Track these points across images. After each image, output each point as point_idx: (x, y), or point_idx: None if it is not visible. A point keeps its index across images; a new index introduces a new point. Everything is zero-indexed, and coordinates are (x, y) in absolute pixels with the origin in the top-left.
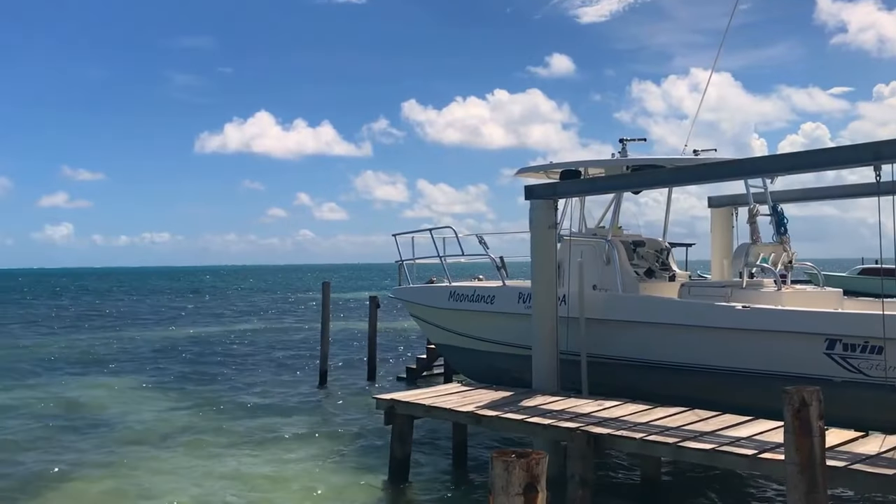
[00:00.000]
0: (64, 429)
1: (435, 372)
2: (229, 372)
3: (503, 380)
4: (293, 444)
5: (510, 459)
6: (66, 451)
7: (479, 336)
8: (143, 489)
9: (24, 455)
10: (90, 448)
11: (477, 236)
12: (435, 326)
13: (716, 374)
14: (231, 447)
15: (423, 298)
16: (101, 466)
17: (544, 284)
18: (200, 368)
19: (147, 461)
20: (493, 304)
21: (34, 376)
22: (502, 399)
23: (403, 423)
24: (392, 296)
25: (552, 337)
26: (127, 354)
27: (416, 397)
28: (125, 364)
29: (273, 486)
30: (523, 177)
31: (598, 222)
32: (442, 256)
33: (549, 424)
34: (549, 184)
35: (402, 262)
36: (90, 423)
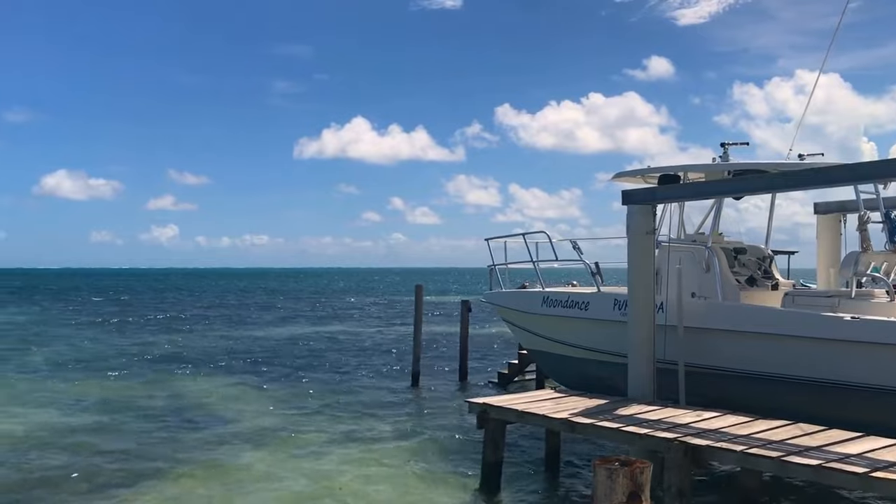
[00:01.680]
0: (166, 426)
1: (526, 377)
2: (323, 372)
3: (597, 387)
4: (385, 444)
5: (614, 467)
6: (168, 448)
7: (572, 342)
8: (239, 487)
9: (127, 451)
10: (191, 445)
11: (571, 241)
12: (527, 332)
13: (822, 387)
14: (323, 447)
15: (516, 303)
16: (200, 464)
17: (641, 291)
18: (295, 368)
19: (243, 459)
20: (588, 310)
21: (136, 373)
22: (596, 407)
23: (496, 428)
24: (484, 300)
25: (649, 345)
26: (226, 354)
27: (508, 402)
28: (224, 363)
29: (364, 487)
30: (620, 181)
31: (698, 228)
32: (535, 261)
33: (645, 434)
34: (648, 188)
35: (494, 266)
36: (191, 421)
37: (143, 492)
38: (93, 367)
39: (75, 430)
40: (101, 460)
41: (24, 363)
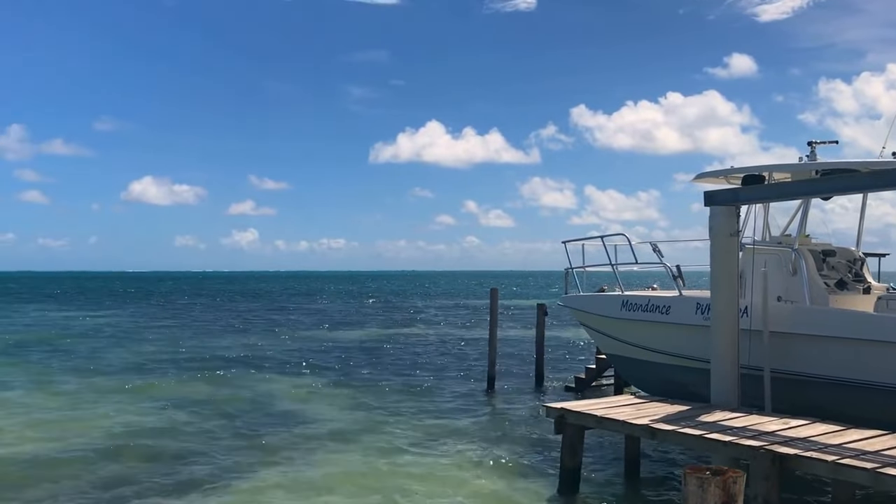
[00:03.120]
0: (246, 426)
1: (604, 383)
2: (397, 375)
3: (678, 393)
4: (461, 448)
5: (705, 476)
6: (248, 448)
7: (653, 347)
8: (318, 486)
9: (207, 450)
10: (271, 445)
11: (651, 244)
12: (606, 336)
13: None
14: (398, 450)
15: (594, 307)
16: (279, 463)
17: (725, 295)
18: (372, 370)
19: (322, 459)
20: (669, 314)
21: (217, 373)
22: (678, 413)
23: (574, 434)
24: (561, 304)
25: (733, 350)
26: (302, 355)
27: (587, 407)
28: (301, 364)
29: (441, 490)
30: (701, 182)
31: (784, 230)
32: (614, 264)
33: (729, 441)
34: (731, 189)
35: (571, 269)
36: (270, 421)
37: (222, 490)
38: (175, 367)
39: (159, 428)
40: (183, 458)
41: (110, 363)
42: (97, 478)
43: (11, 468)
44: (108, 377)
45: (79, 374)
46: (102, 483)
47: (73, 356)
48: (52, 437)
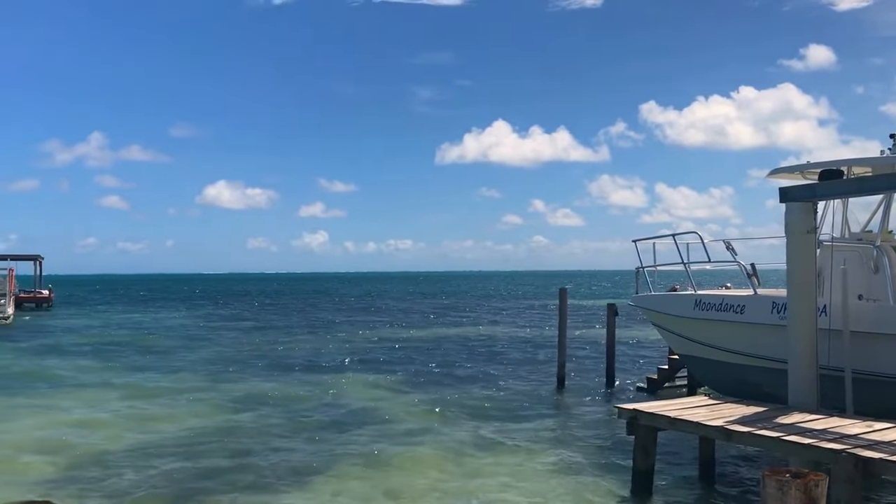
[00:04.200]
0: (318, 424)
1: (677, 383)
2: (466, 375)
3: (754, 394)
4: (531, 448)
5: (785, 479)
6: (320, 447)
7: (727, 347)
8: (388, 486)
9: (285, 446)
10: (343, 444)
11: (724, 242)
12: (678, 336)
13: None
14: (468, 450)
15: (666, 307)
16: (352, 463)
17: (802, 294)
18: (441, 370)
19: (393, 459)
20: (744, 313)
21: (291, 372)
22: (754, 415)
23: (647, 435)
24: (632, 303)
25: (811, 350)
26: (372, 355)
27: (660, 408)
28: (371, 364)
29: (511, 491)
30: (776, 178)
31: (864, 227)
32: (686, 263)
33: (809, 444)
34: (809, 185)
35: (642, 268)
36: (343, 420)
37: (295, 490)
38: (250, 366)
39: (234, 426)
40: (258, 455)
41: (188, 362)
42: (177, 472)
43: (97, 462)
44: (186, 376)
45: (159, 373)
46: (181, 477)
47: (153, 356)
48: (133, 433)
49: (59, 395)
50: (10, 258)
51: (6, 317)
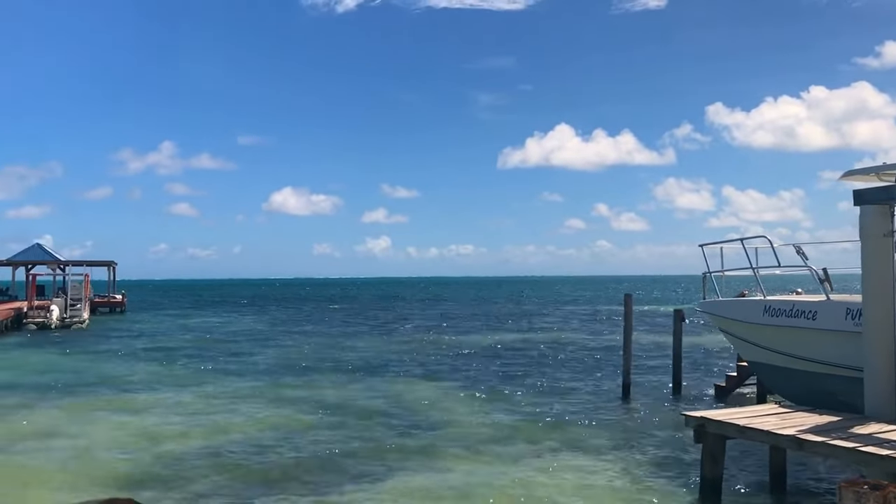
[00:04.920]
0: (382, 428)
1: (746, 391)
2: (530, 381)
3: (827, 403)
4: (597, 455)
5: (863, 491)
6: (387, 449)
7: (798, 355)
8: (451, 489)
9: (351, 451)
10: (407, 448)
11: (794, 246)
12: (747, 343)
13: None
14: (532, 458)
15: (735, 313)
16: (417, 467)
17: (879, 299)
18: (504, 375)
19: (457, 465)
20: (816, 320)
21: (356, 375)
22: (828, 424)
23: (715, 443)
24: (699, 309)
25: (889, 358)
26: (435, 359)
27: (728, 416)
28: (433, 368)
29: (575, 497)
30: (850, 180)
31: None
32: (755, 268)
33: (887, 455)
34: (885, 187)
35: (709, 273)
36: (407, 424)
37: (361, 493)
38: (315, 370)
39: (299, 429)
40: (323, 458)
41: (254, 366)
42: (246, 472)
43: (170, 462)
44: (255, 379)
45: (228, 376)
46: (251, 478)
47: (222, 359)
48: (204, 434)
49: (132, 397)
50: (86, 264)
51: (82, 321)
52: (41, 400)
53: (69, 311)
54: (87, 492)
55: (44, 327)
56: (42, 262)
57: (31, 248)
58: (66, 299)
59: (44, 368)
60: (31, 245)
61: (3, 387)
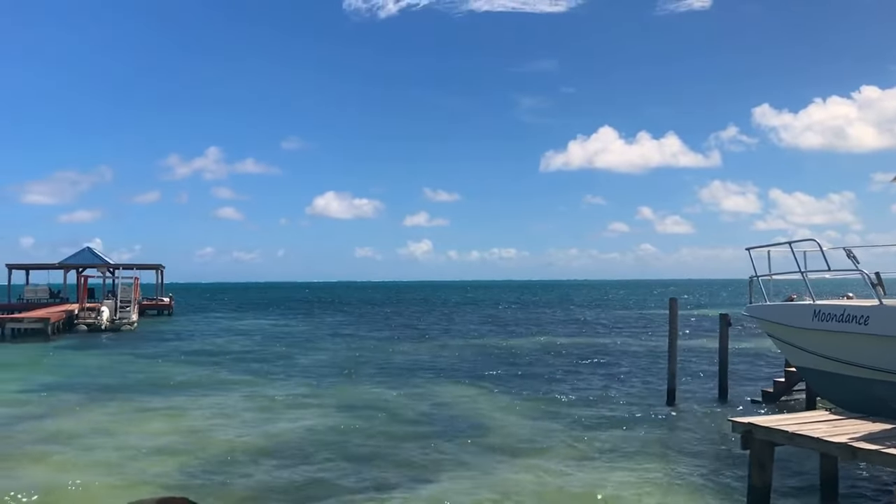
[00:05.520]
0: (426, 430)
1: (794, 397)
2: (572, 385)
3: (879, 410)
4: (641, 462)
5: None
6: (423, 454)
7: (850, 360)
8: (494, 493)
9: (390, 453)
10: (447, 450)
11: (845, 249)
12: (796, 348)
13: None
14: (574, 463)
15: (783, 317)
16: (456, 470)
17: None
18: (546, 379)
19: (498, 469)
20: (868, 325)
21: (395, 379)
22: (882, 432)
23: (763, 450)
24: (746, 314)
25: None
26: (477, 362)
27: (777, 423)
28: (476, 372)
29: None
30: None
31: None
32: (803, 272)
33: None
34: None
35: (756, 277)
36: (448, 427)
37: (408, 492)
38: (360, 372)
39: (349, 429)
40: (364, 461)
41: (301, 367)
42: (293, 473)
43: (218, 462)
44: (300, 380)
45: (274, 377)
46: (298, 479)
47: (268, 360)
48: (251, 435)
49: (179, 399)
50: (135, 267)
51: (131, 323)
52: (91, 400)
53: (119, 313)
54: (138, 491)
55: (94, 329)
56: (92, 266)
57: (82, 251)
58: (116, 302)
59: (94, 369)
60: (82, 249)
61: (55, 387)
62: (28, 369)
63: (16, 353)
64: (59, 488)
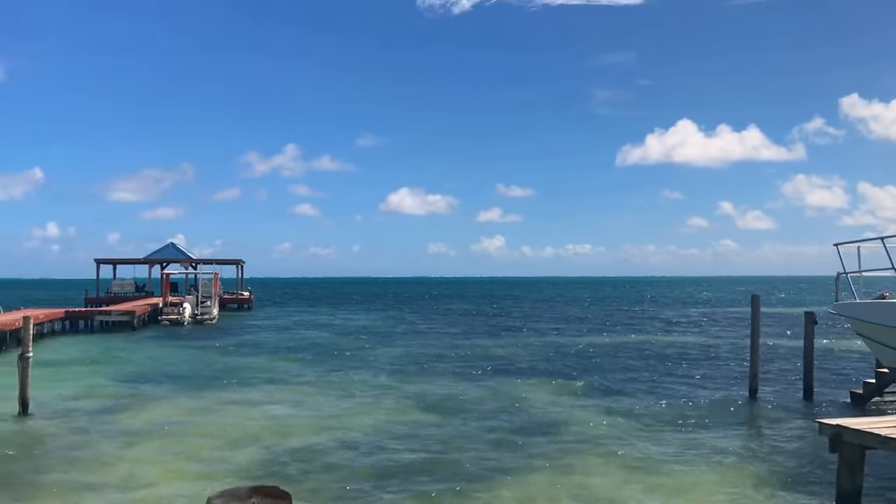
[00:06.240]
0: (506, 425)
1: (887, 399)
2: (651, 383)
3: None
4: (722, 463)
5: None
6: (507, 446)
7: None
8: (572, 493)
9: (468, 450)
10: (524, 449)
11: None
12: (889, 348)
13: None
14: (655, 463)
15: (875, 316)
16: (535, 469)
17: None
18: (624, 377)
19: (576, 468)
20: None
21: (471, 375)
22: None
23: (853, 453)
24: (833, 312)
25: None
26: (553, 360)
27: (869, 425)
28: (553, 369)
29: None
30: None
31: None
32: None
33: None
34: None
35: (844, 274)
36: (525, 425)
37: (484, 491)
38: (435, 367)
39: (424, 425)
40: (447, 457)
41: (376, 362)
42: (368, 468)
43: (297, 455)
44: (375, 375)
45: (349, 371)
46: (373, 474)
47: (344, 354)
48: (327, 429)
49: (259, 391)
50: (216, 262)
51: (212, 317)
52: (175, 392)
53: (200, 307)
54: (222, 481)
55: (177, 323)
56: (176, 261)
57: (166, 247)
58: (198, 296)
59: (177, 361)
60: (166, 244)
61: (140, 379)
62: (115, 361)
63: (104, 345)
64: (146, 477)
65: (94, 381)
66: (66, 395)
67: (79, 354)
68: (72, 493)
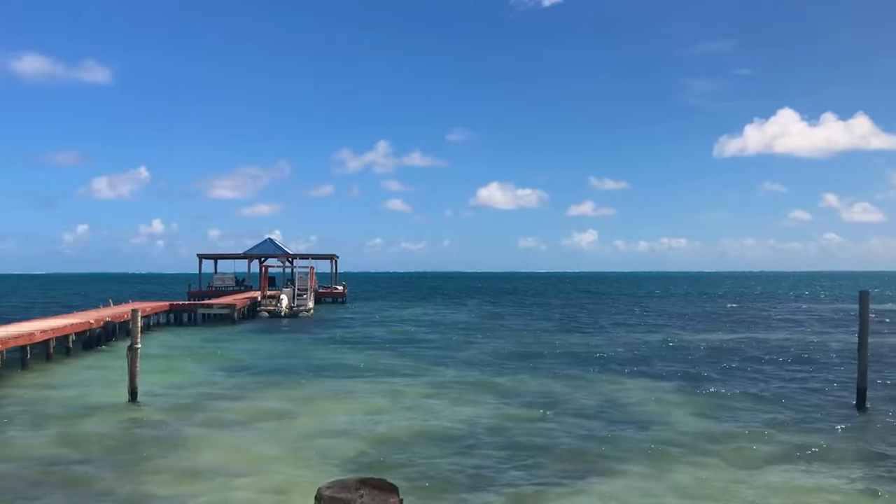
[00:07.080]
0: (594, 425)
1: None
2: (751, 382)
3: None
4: (826, 468)
5: None
6: (597, 447)
7: None
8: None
9: (561, 442)
10: (617, 447)
11: None
12: None
13: None
14: (754, 466)
15: None
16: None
17: None
18: (721, 376)
19: (670, 469)
20: None
21: (568, 371)
22: None
23: None
24: None
25: None
26: (647, 357)
27: None
28: (646, 366)
29: None
30: None
31: None
32: None
33: None
34: None
35: None
36: (617, 423)
37: (577, 486)
38: (526, 363)
39: (513, 419)
40: (536, 451)
41: (468, 356)
42: (458, 461)
43: (390, 446)
44: (466, 369)
45: (442, 365)
46: (462, 471)
47: (436, 348)
48: (420, 421)
49: (356, 382)
50: (311, 257)
51: (308, 310)
52: (272, 383)
53: (296, 300)
54: (322, 472)
55: (274, 315)
56: (273, 255)
57: (264, 242)
58: (294, 290)
59: (276, 353)
60: (264, 240)
61: (241, 370)
62: (217, 352)
63: (206, 337)
64: (250, 464)
65: (198, 372)
66: (172, 385)
67: (182, 346)
68: (181, 477)
